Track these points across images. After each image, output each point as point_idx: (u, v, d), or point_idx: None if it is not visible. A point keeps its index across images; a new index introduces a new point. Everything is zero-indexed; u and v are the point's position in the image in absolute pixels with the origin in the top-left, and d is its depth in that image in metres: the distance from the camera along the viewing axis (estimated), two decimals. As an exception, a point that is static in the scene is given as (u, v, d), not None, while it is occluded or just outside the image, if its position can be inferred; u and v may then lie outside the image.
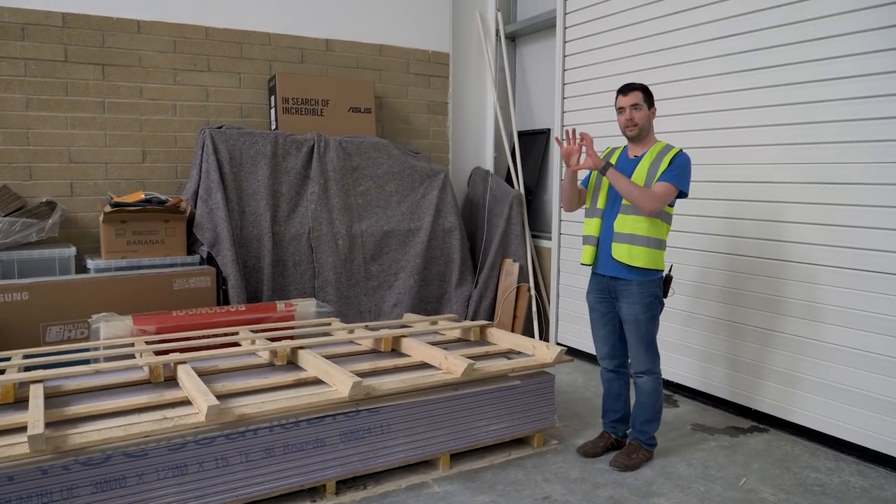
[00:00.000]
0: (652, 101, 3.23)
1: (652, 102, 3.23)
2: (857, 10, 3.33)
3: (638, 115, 3.18)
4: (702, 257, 4.16)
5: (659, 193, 3.06)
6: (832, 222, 3.49)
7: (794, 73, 3.62)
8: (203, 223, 4.40)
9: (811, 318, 3.61)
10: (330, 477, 2.91)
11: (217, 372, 3.22)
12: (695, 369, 4.27)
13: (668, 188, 3.07)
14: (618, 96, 3.23)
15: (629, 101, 3.18)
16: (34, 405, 2.54)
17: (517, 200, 5.47)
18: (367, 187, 5.05)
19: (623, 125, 3.23)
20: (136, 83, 4.59)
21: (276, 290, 4.68)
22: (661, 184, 3.08)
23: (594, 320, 3.41)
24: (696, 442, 3.63)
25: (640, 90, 3.20)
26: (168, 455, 2.55)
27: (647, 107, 3.20)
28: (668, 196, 3.07)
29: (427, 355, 3.39)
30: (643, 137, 3.23)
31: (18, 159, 4.28)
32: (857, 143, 3.37)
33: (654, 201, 3.05)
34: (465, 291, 5.35)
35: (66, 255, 4.07)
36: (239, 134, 4.63)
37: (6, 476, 2.29)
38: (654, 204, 3.06)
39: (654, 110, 3.24)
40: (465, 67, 6.00)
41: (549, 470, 3.26)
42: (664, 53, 4.34)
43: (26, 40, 4.24)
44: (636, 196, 3.06)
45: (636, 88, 3.20)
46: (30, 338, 3.70)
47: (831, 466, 3.34)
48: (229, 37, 4.87)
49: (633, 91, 3.19)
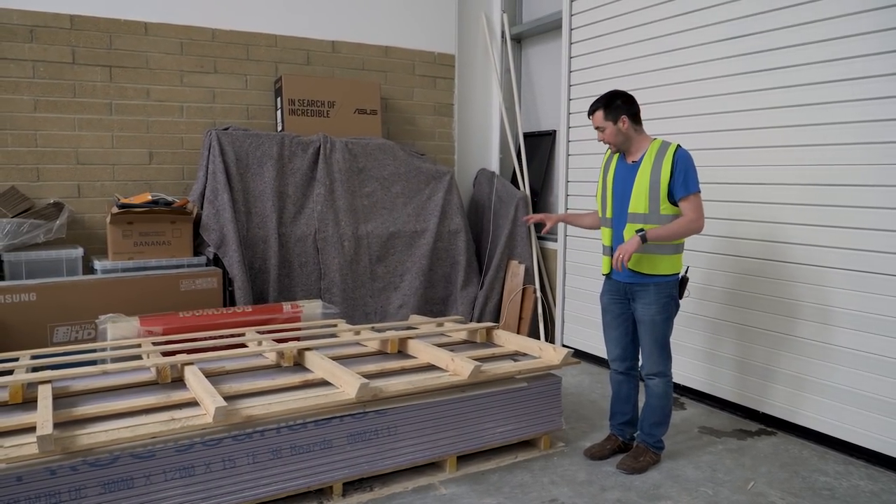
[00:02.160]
0: (617, 112, 3.12)
1: (618, 114, 3.12)
2: (861, 13, 3.31)
3: (605, 135, 3.18)
4: (710, 259, 4.14)
5: (693, 213, 3.06)
6: (841, 224, 3.47)
7: (802, 74, 3.61)
8: (209, 224, 4.41)
9: (820, 320, 3.59)
10: (337, 478, 2.91)
11: (224, 373, 3.22)
12: (702, 372, 4.25)
13: (692, 200, 3.06)
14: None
15: (593, 124, 3.21)
16: (43, 406, 2.55)
17: (523, 202, 5.46)
18: (372, 188, 5.05)
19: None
20: (143, 85, 4.60)
21: (281, 291, 4.68)
22: (684, 204, 3.07)
23: (607, 322, 3.40)
24: (704, 445, 3.61)
25: (602, 108, 3.15)
26: (175, 456, 2.55)
27: (613, 122, 3.13)
28: (699, 206, 3.07)
29: (434, 357, 3.38)
30: (630, 145, 3.19)
31: (26, 161, 4.30)
32: (867, 145, 3.35)
33: (698, 220, 3.07)
34: (470, 293, 5.35)
35: (74, 256, 4.08)
36: (245, 135, 4.64)
37: (15, 476, 2.29)
38: (699, 221, 3.08)
39: (623, 120, 3.12)
40: (471, 69, 6.00)
41: (556, 472, 3.25)
42: (670, 55, 4.33)
43: (34, 42, 4.26)
44: (683, 233, 3.08)
45: (595, 110, 3.17)
46: (37, 338, 3.71)
47: (840, 470, 3.32)
48: (236, 38, 4.88)
49: (592, 114, 3.19)
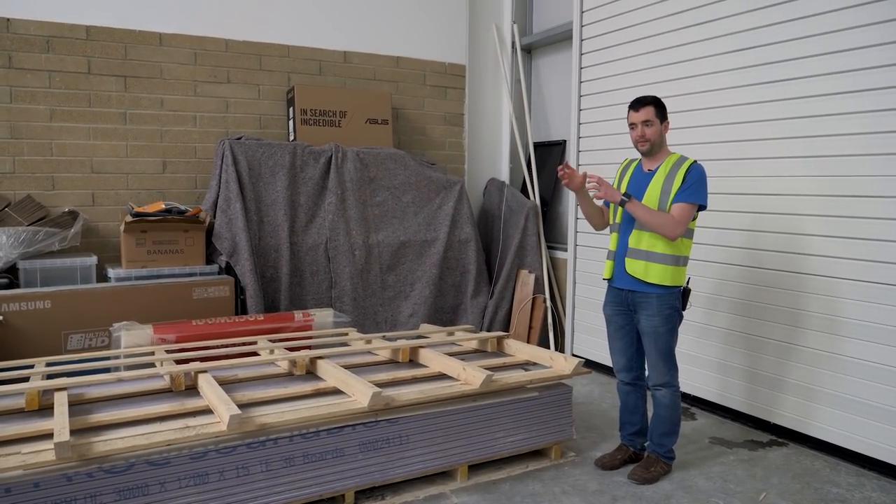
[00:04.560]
0: (665, 114, 3.19)
1: (665, 116, 3.19)
2: (878, 24, 3.32)
3: (650, 131, 3.16)
4: (720, 270, 4.14)
5: (678, 218, 3.05)
6: (852, 235, 3.47)
7: (813, 85, 3.61)
8: (222, 233, 4.44)
9: (831, 331, 3.58)
10: (349, 487, 2.92)
11: (237, 381, 3.24)
12: (713, 382, 4.24)
13: (685, 209, 3.06)
14: (629, 111, 3.21)
15: (640, 117, 3.16)
16: (59, 412, 2.57)
17: (533, 212, 5.48)
18: (383, 198, 5.08)
19: (635, 141, 3.22)
20: (157, 95, 4.65)
21: (293, 299, 4.71)
22: (677, 206, 3.07)
23: (611, 333, 3.40)
24: (715, 455, 3.60)
25: (653, 104, 3.16)
26: (190, 463, 2.57)
27: (660, 121, 3.16)
28: (687, 217, 3.06)
29: (445, 366, 3.40)
30: (656, 151, 3.21)
31: (42, 169, 4.35)
32: (879, 156, 3.35)
33: (676, 227, 3.05)
34: (480, 302, 5.36)
35: (88, 263, 4.12)
36: (258, 145, 4.68)
37: (32, 483, 2.32)
38: (677, 230, 3.06)
39: (666, 124, 3.20)
40: (481, 79, 6.03)
41: (567, 482, 3.25)
42: (681, 66, 4.35)
43: (51, 53, 4.32)
44: (657, 225, 3.06)
45: (648, 103, 3.16)
46: (52, 345, 3.75)
47: (852, 482, 3.31)
48: (248, 49, 4.93)
49: (644, 107, 3.16)
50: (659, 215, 3.07)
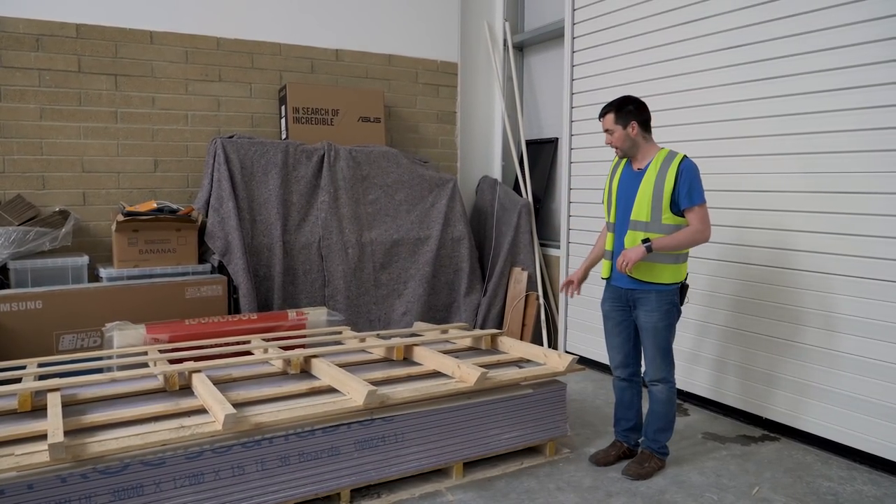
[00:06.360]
0: (628, 117, 3.15)
1: (629, 119, 3.15)
2: (870, 21, 3.34)
3: (614, 138, 3.20)
4: (713, 266, 4.17)
5: (699, 223, 3.08)
6: (846, 231, 3.49)
7: (805, 82, 3.63)
8: (214, 232, 4.43)
9: (823, 326, 3.61)
10: (344, 486, 2.92)
11: (231, 381, 3.23)
12: (706, 378, 4.27)
13: (699, 211, 3.08)
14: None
15: (603, 126, 3.23)
16: (53, 413, 2.56)
17: (525, 209, 5.49)
18: (376, 196, 5.07)
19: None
20: (148, 93, 4.63)
21: (286, 298, 4.70)
22: (691, 214, 3.09)
23: (608, 329, 3.42)
24: (708, 451, 3.63)
25: (613, 111, 3.18)
26: (185, 463, 2.56)
27: (622, 127, 3.16)
28: (705, 216, 3.10)
29: (440, 364, 3.40)
30: (637, 151, 3.21)
31: (32, 169, 4.32)
32: (871, 153, 3.38)
33: (704, 230, 3.09)
34: (473, 300, 5.36)
35: (79, 263, 4.10)
36: (250, 143, 4.66)
37: (26, 484, 2.30)
38: (706, 231, 3.10)
39: (632, 125, 3.15)
40: (474, 77, 6.04)
41: (562, 478, 3.26)
42: (673, 63, 4.36)
43: (41, 51, 4.28)
44: (689, 243, 3.12)
45: (607, 112, 3.20)
46: (43, 346, 3.73)
47: (844, 475, 3.34)
48: (240, 47, 4.91)
49: (603, 116, 3.22)
50: (683, 234, 3.09)
